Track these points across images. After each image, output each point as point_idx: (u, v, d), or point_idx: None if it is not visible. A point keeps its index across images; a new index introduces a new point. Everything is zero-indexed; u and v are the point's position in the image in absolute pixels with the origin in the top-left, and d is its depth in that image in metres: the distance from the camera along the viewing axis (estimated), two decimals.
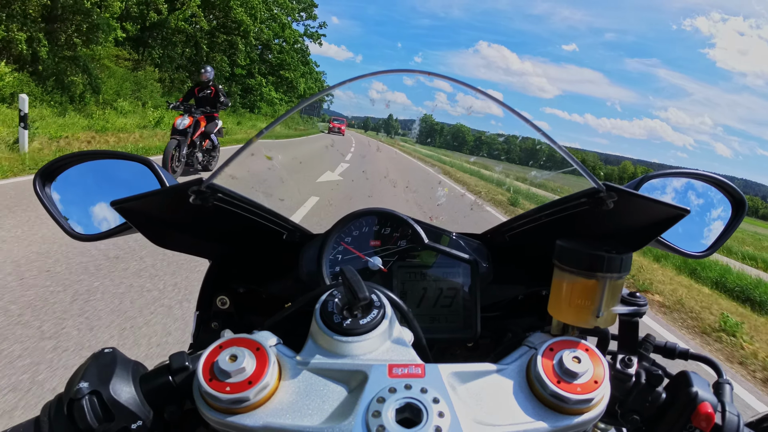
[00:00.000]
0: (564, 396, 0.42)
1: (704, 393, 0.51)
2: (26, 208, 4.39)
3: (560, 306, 0.53)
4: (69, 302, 2.77)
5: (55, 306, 2.69)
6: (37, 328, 2.43)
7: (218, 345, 0.44)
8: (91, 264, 3.36)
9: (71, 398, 0.42)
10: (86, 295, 2.88)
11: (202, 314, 0.74)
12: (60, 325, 2.49)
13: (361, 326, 0.47)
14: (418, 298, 0.72)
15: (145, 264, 3.50)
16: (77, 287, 2.97)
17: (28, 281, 2.96)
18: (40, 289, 2.87)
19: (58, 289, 2.91)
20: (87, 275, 3.16)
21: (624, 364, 0.53)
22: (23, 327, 2.43)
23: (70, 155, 0.74)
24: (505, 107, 0.55)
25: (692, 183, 0.81)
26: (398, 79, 0.57)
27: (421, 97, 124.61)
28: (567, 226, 0.62)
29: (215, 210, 0.58)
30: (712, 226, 0.81)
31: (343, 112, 77.12)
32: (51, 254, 3.42)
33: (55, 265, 3.25)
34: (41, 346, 2.28)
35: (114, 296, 2.93)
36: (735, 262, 9.87)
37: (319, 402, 0.42)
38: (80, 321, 2.56)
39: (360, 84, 0.57)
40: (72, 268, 3.25)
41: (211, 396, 0.41)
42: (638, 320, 0.56)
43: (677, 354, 0.62)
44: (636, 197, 0.52)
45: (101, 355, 0.46)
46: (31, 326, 2.44)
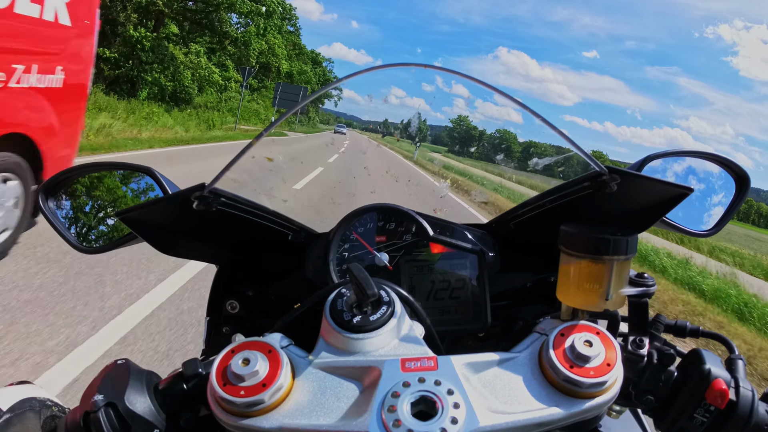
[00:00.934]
0: (577, 380, 0.42)
1: (717, 370, 0.51)
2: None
3: (568, 291, 0.53)
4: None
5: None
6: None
7: (230, 350, 0.44)
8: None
9: (87, 411, 0.42)
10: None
11: (213, 319, 0.74)
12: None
13: (372, 322, 0.47)
14: (427, 292, 0.72)
15: None
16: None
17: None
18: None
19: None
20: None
21: (635, 345, 0.53)
22: None
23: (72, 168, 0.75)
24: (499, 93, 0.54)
25: (695, 162, 0.81)
26: (417, 85, 0.55)
27: (440, 103, 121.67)
28: (571, 212, 0.62)
29: (219, 214, 0.58)
30: (716, 203, 0.80)
31: (362, 117, 75.68)
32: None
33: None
34: None
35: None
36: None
37: (333, 400, 0.43)
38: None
39: (379, 90, 0.55)
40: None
41: (226, 400, 0.41)
42: (647, 300, 0.55)
43: (688, 332, 0.62)
44: (639, 178, 0.52)
45: (114, 367, 0.47)
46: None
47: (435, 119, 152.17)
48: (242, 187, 0.57)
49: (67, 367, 2.21)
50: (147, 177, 0.75)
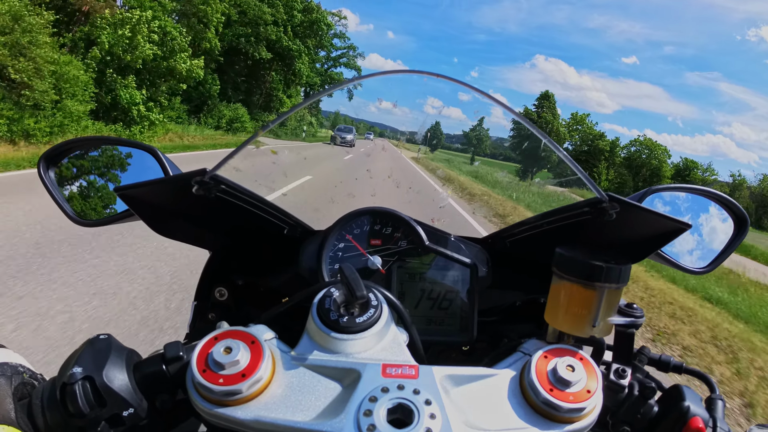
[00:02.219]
0: (556, 404, 0.42)
1: (696, 408, 0.51)
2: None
3: (557, 314, 0.53)
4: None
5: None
6: None
7: (213, 336, 0.44)
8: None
9: (64, 382, 0.42)
10: None
11: (200, 305, 0.74)
12: None
13: (357, 324, 0.47)
14: (416, 300, 0.72)
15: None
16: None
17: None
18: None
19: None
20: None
21: (618, 375, 0.53)
22: None
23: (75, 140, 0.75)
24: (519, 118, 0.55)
25: (696, 198, 0.81)
26: (453, 94, 0.54)
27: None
28: (568, 235, 0.62)
29: (217, 201, 0.58)
30: (713, 242, 0.81)
31: (400, 127, 70.56)
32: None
33: None
34: None
35: None
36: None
37: (311, 398, 0.42)
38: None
39: (415, 101, 0.55)
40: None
41: (204, 387, 0.41)
42: (634, 332, 0.56)
43: (671, 367, 0.62)
44: (638, 209, 0.52)
45: (96, 341, 0.46)
46: None
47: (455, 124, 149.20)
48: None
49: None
50: (150, 156, 0.75)
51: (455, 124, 35.19)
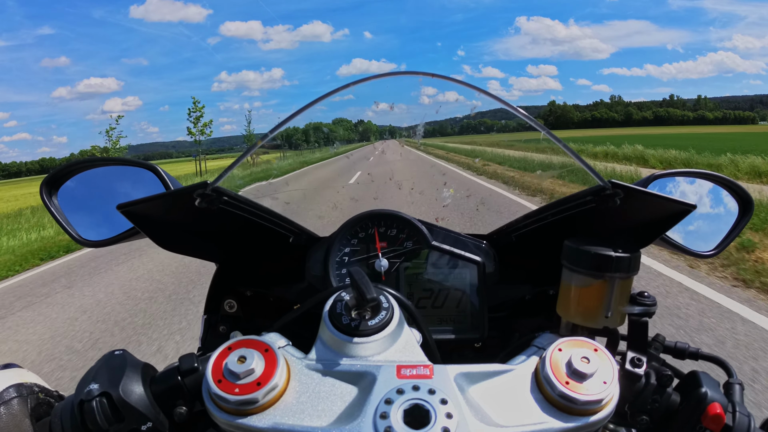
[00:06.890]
0: (573, 397, 0.42)
1: (714, 393, 0.50)
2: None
3: (569, 306, 0.53)
4: None
5: None
6: None
7: (227, 346, 0.44)
8: None
9: (82, 399, 0.42)
10: None
11: (210, 318, 0.74)
12: None
13: (370, 327, 0.47)
14: (425, 299, 0.72)
15: None
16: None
17: None
18: None
19: None
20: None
21: (633, 365, 0.52)
22: None
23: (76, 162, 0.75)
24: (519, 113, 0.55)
25: (700, 182, 0.81)
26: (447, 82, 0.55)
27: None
28: (573, 225, 0.62)
29: (221, 213, 0.58)
30: (719, 225, 0.80)
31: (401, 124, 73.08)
32: None
33: None
34: None
35: None
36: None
37: (327, 403, 0.42)
38: None
39: (409, 93, 0.56)
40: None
41: (220, 397, 0.41)
42: (648, 320, 0.55)
43: (687, 354, 0.61)
44: (642, 194, 0.51)
45: (111, 357, 0.47)
46: None
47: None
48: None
49: None
50: (151, 174, 0.75)
51: (454, 109, 35.26)
